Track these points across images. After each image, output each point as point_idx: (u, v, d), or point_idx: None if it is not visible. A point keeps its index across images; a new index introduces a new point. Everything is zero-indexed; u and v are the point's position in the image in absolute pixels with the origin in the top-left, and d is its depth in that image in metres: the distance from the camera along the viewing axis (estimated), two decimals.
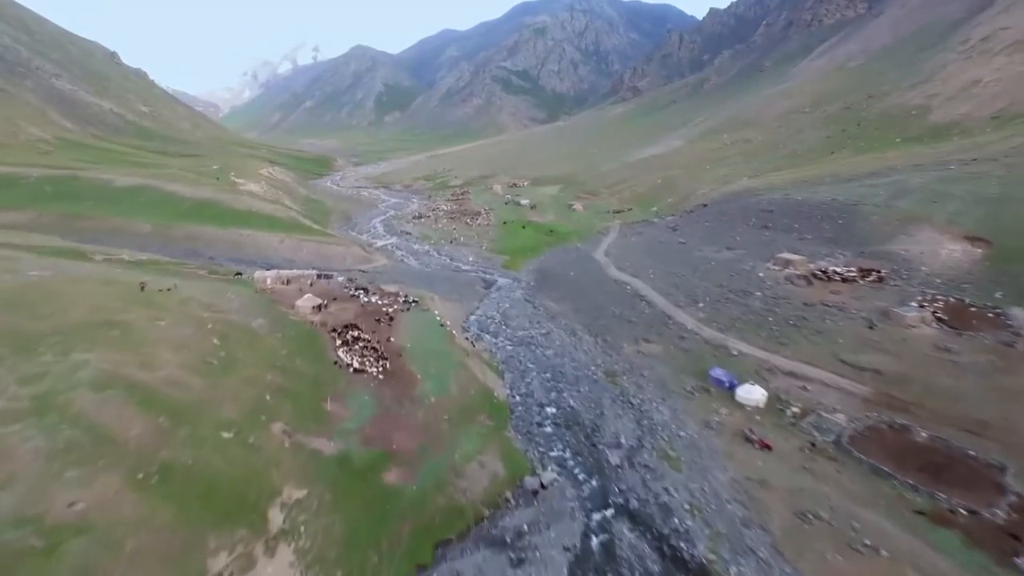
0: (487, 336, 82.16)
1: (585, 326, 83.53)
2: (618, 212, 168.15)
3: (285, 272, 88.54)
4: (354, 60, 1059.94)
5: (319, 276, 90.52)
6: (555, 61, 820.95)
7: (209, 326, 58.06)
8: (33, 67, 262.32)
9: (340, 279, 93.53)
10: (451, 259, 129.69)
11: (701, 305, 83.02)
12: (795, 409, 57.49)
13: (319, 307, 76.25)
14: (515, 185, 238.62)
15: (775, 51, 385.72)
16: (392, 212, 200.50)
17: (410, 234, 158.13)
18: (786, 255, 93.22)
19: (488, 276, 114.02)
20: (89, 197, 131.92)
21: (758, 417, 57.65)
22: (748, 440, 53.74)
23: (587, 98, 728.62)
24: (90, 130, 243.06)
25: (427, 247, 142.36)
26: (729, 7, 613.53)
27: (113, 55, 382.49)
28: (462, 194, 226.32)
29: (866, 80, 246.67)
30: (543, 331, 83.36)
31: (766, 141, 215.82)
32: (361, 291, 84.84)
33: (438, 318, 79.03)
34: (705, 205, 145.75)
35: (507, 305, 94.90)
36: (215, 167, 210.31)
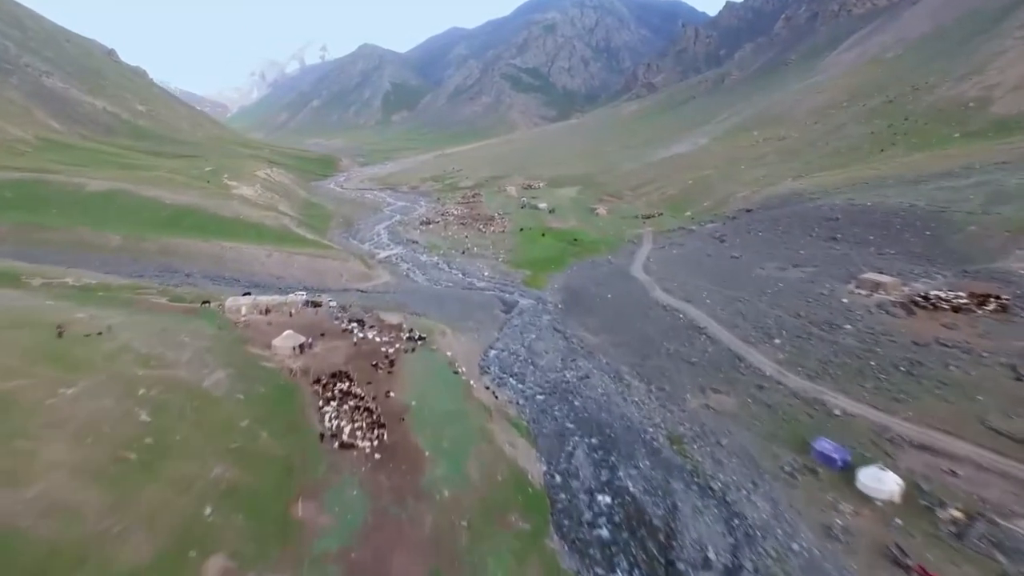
0: (511, 380, 66.20)
1: (633, 367, 67.34)
2: (648, 217, 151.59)
3: (264, 299, 72.97)
4: (361, 59, 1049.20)
5: (306, 303, 74.91)
6: (565, 58, 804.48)
7: (141, 391, 42.56)
8: (21, 64, 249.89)
9: (332, 305, 78.02)
10: (464, 274, 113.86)
11: (778, 342, 66.55)
12: (954, 512, 40.84)
13: (302, 347, 60.74)
14: (530, 187, 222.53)
15: (800, 44, 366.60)
16: (398, 217, 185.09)
17: (417, 243, 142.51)
18: (871, 275, 76.45)
19: (508, 296, 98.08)
20: (55, 204, 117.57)
21: (899, 520, 41.22)
22: (899, 564, 37.44)
23: (599, 95, 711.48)
24: (78, 130, 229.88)
25: (436, 259, 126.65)
26: (746, 0, 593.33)
27: (111, 53, 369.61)
28: (473, 197, 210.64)
29: (907, 72, 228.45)
30: (580, 373, 67.29)
31: (803, 138, 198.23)
32: (356, 324, 69.12)
33: (450, 360, 63.23)
34: (749, 210, 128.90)
35: (533, 336, 78.89)
36: (208, 169, 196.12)
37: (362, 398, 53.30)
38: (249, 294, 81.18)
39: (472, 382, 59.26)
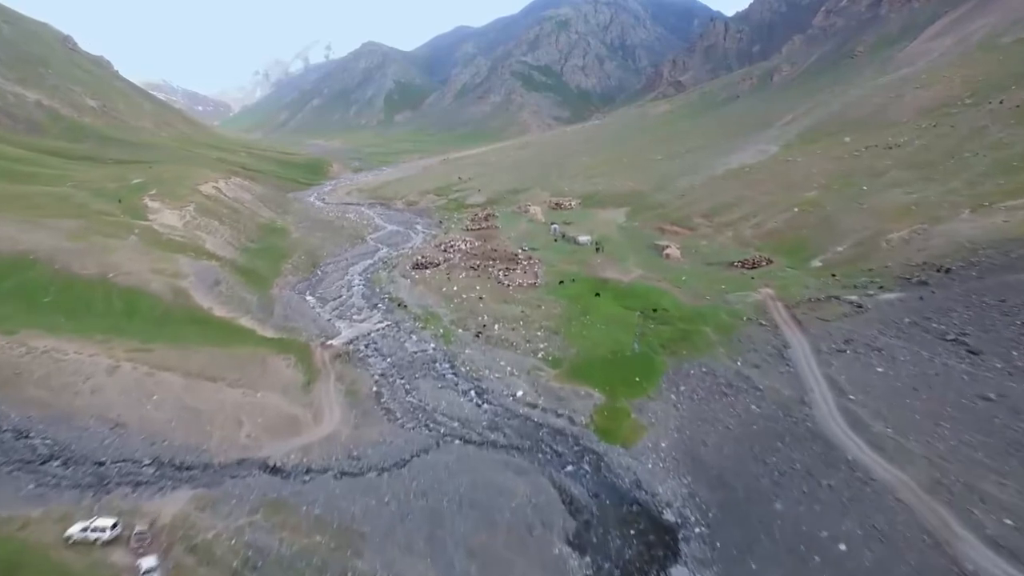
0: None
1: None
2: (752, 267, 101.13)
3: None
4: (364, 57, 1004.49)
5: None
6: (579, 56, 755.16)
7: None
8: None
9: None
10: (480, 393, 63.71)
11: None
12: None
13: None
14: (559, 206, 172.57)
15: (866, 34, 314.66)
16: (383, 252, 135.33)
17: (405, 307, 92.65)
18: None
19: (569, 469, 48.22)
20: None
21: None
22: None
23: (615, 95, 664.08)
24: None
25: (432, 346, 76.58)
26: None
27: (67, 39, 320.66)
28: (485, 219, 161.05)
29: None
30: None
31: (929, 146, 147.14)
32: None
33: None
34: (947, 270, 78.31)
35: None
36: (136, 181, 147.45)
37: None
38: None
39: None
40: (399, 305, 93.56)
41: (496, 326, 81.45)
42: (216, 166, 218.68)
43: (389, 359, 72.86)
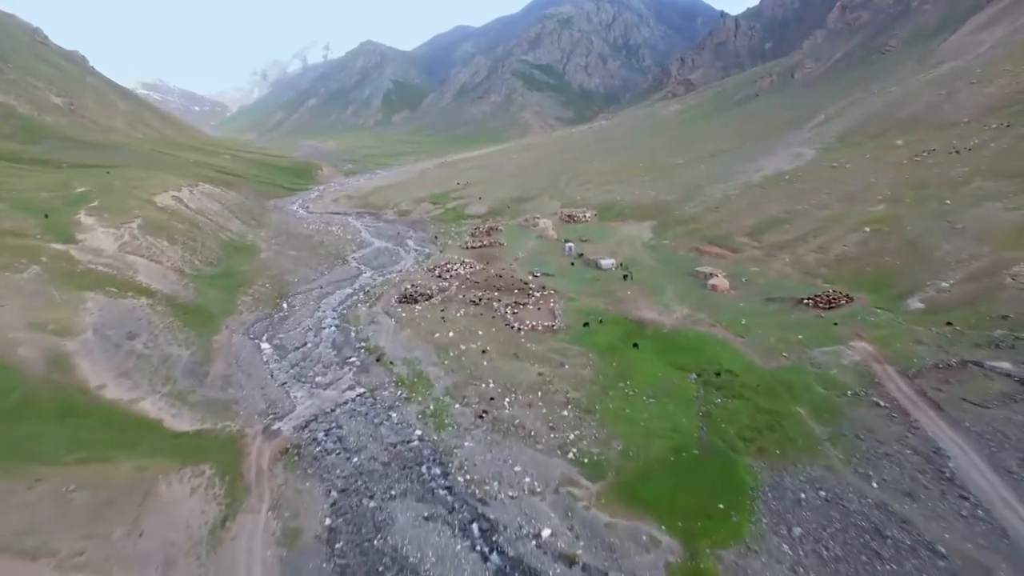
0: None
1: None
2: (826, 306, 79.16)
3: None
4: (362, 56, 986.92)
5: None
6: (582, 55, 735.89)
7: None
8: None
9: None
10: (484, 527, 41.88)
11: None
12: None
13: None
14: (572, 218, 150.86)
15: (897, 27, 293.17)
16: (367, 275, 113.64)
17: (389, 362, 70.90)
18: None
19: None
20: None
21: None
22: None
23: (620, 95, 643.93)
24: None
25: (418, 436, 54.75)
26: None
27: (35, 32, 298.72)
28: (488, 234, 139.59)
29: None
30: None
31: (1012, 150, 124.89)
32: None
33: None
34: None
35: None
36: (80, 190, 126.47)
37: None
38: None
39: None
40: (378, 359, 71.78)
41: (506, 400, 59.56)
42: (188, 171, 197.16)
43: (356, 458, 51.04)
